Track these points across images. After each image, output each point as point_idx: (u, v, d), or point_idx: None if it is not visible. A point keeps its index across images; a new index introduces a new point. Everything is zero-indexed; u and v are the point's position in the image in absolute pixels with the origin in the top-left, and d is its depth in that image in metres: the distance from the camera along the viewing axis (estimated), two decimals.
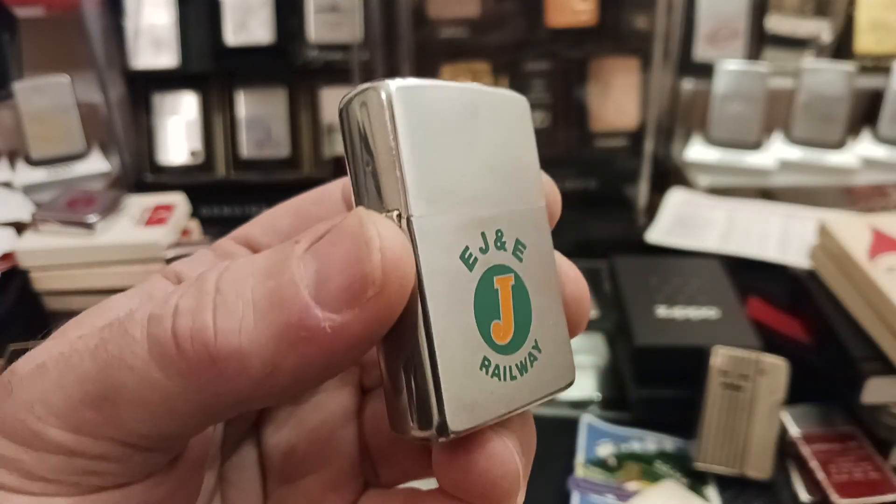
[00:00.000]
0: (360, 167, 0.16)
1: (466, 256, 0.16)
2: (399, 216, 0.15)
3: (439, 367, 0.15)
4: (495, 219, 0.17)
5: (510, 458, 0.16)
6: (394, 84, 0.16)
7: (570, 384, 0.18)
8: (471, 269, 0.16)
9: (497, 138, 0.17)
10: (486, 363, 0.16)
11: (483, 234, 0.16)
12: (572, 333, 0.19)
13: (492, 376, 0.16)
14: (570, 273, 0.19)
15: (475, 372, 0.16)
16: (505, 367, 0.17)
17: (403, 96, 0.16)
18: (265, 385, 0.14)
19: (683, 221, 0.71)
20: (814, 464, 0.48)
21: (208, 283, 0.15)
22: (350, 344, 0.14)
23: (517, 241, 0.17)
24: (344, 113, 0.16)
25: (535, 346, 0.17)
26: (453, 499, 0.17)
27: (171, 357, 0.14)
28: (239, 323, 0.14)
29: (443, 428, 0.15)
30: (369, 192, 0.16)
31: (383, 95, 0.15)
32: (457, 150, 0.16)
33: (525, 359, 0.17)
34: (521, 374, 0.17)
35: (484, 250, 0.16)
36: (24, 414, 0.15)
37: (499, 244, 0.17)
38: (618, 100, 0.79)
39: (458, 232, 0.16)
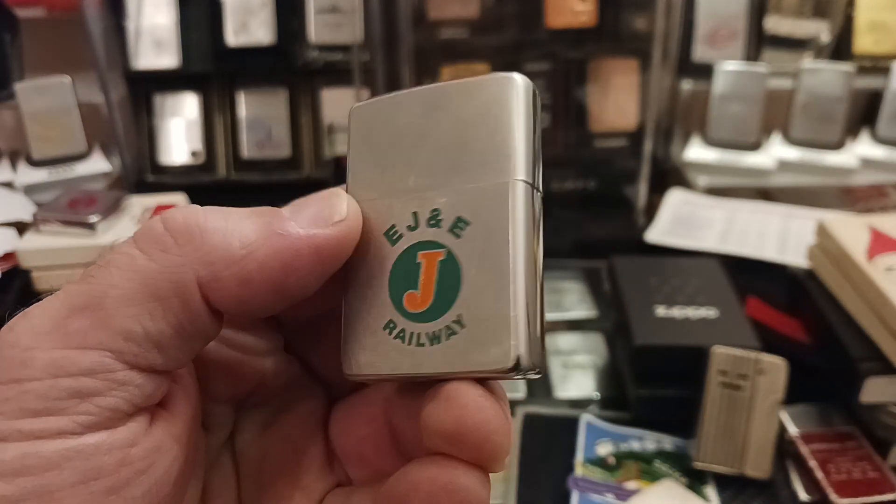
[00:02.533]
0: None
1: (391, 234, 0.19)
2: None
3: (344, 320, 0.19)
4: (433, 199, 0.19)
5: (486, 402, 0.16)
6: (355, 104, 0.20)
7: (508, 370, 0.17)
8: (393, 244, 0.19)
9: (456, 125, 0.19)
10: (391, 325, 0.18)
11: (415, 214, 0.19)
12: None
13: (395, 338, 0.18)
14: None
15: (377, 331, 0.18)
16: (412, 333, 0.18)
17: (355, 114, 0.20)
18: (237, 267, 0.16)
19: (683, 221, 0.71)
20: (813, 463, 0.48)
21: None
22: (314, 252, 0.17)
23: (457, 219, 0.18)
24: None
25: (458, 321, 0.17)
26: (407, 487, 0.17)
27: (156, 235, 0.16)
28: (224, 216, 0.17)
29: (346, 369, 0.19)
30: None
31: (348, 113, 0.20)
32: (398, 148, 0.19)
33: (440, 330, 0.18)
34: (432, 344, 0.18)
35: (412, 228, 0.19)
36: (8, 350, 0.15)
37: (432, 222, 0.18)
38: (617, 100, 0.79)
39: (387, 213, 0.19)
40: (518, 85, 0.18)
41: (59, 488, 0.15)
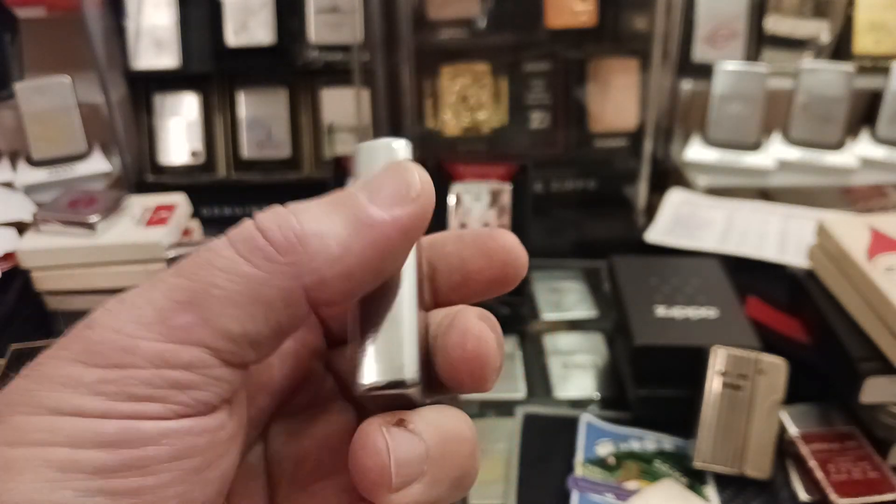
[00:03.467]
0: None
1: None
2: None
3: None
4: None
5: (382, 452, 0.18)
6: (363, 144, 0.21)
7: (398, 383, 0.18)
8: None
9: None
10: None
11: None
12: (472, 388, 0.20)
13: None
14: (472, 329, 0.19)
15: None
16: None
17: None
18: (339, 266, 0.17)
19: (682, 221, 0.71)
20: (812, 463, 0.48)
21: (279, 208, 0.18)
22: (402, 233, 0.18)
23: None
24: None
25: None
26: None
27: (258, 245, 0.17)
28: (315, 218, 0.17)
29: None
30: None
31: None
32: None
33: None
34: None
35: None
36: (112, 335, 0.16)
37: None
38: (617, 100, 0.79)
39: None
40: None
41: (156, 462, 0.16)
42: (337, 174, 0.72)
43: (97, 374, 0.16)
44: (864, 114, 0.82)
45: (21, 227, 0.63)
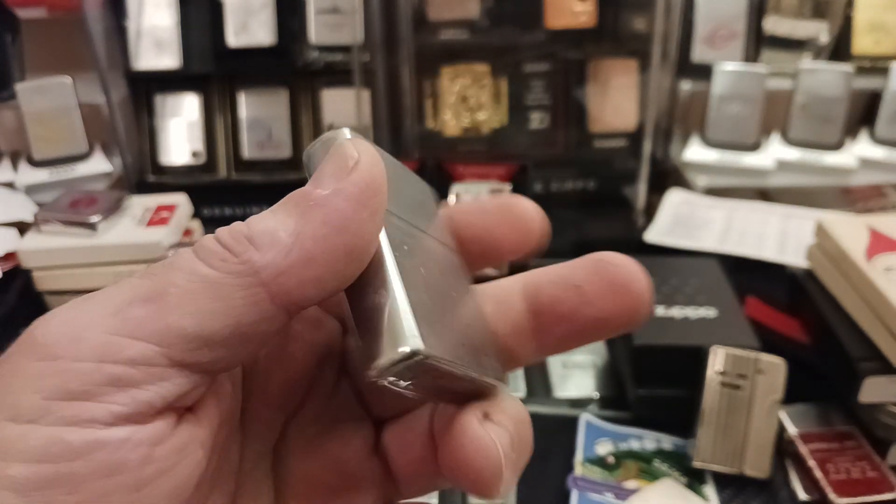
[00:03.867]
0: None
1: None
2: None
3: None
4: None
5: (493, 447, 0.18)
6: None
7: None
8: None
9: None
10: None
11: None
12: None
13: None
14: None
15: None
16: None
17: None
18: (295, 254, 0.17)
19: (682, 222, 0.71)
20: (812, 463, 0.48)
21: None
22: (352, 203, 0.17)
23: None
24: None
25: None
26: None
27: (213, 249, 0.17)
28: (262, 219, 0.17)
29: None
30: None
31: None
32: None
33: None
34: None
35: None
36: (60, 327, 0.16)
37: None
38: (616, 101, 0.80)
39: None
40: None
41: (83, 479, 0.15)
42: None
43: (36, 368, 0.15)
44: (864, 114, 0.82)
45: (22, 228, 0.63)
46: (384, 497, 0.21)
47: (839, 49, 0.80)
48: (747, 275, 0.62)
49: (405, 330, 0.16)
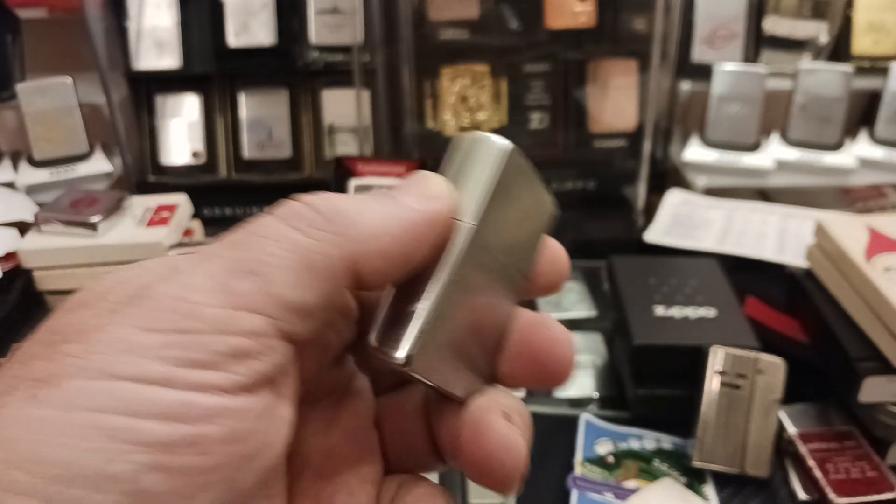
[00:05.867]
0: None
1: None
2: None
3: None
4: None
5: (520, 447, 0.19)
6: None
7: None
8: None
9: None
10: None
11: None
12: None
13: None
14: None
15: None
16: None
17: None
18: (378, 242, 0.18)
19: (681, 222, 0.71)
20: (811, 462, 0.48)
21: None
22: (428, 224, 0.18)
23: None
24: None
25: None
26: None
27: (304, 214, 0.17)
28: (352, 198, 0.18)
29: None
30: None
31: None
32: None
33: None
34: None
35: None
36: (172, 302, 0.16)
37: None
38: (616, 101, 0.80)
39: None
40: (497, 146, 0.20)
41: (211, 442, 0.15)
42: (337, 174, 0.72)
43: (159, 339, 0.15)
44: (863, 114, 0.82)
45: (23, 228, 0.63)
46: (382, 465, 0.22)
47: (838, 49, 0.80)
48: (747, 275, 0.62)
49: (409, 344, 0.18)
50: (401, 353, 0.18)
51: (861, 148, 0.78)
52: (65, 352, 0.15)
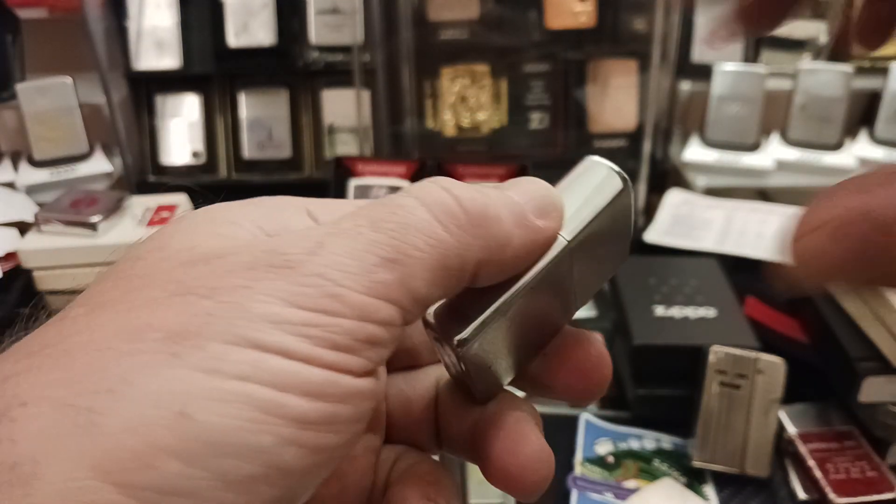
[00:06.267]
0: None
1: None
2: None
3: None
4: None
5: (551, 460, 0.20)
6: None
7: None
8: None
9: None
10: None
11: None
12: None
13: None
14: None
15: None
16: None
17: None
18: (502, 253, 0.18)
19: (681, 222, 0.71)
20: (811, 462, 0.48)
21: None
22: (541, 242, 0.19)
23: None
24: None
25: None
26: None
27: (453, 212, 0.17)
28: (495, 204, 0.18)
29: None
30: None
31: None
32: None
33: None
34: None
35: None
36: (317, 280, 0.16)
37: None
38: (616, 101, 0.80)
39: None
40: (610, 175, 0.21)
41: (345, 421, 0.16)
42: (337, 175, 0.72)
43: (302, 316, 0.15)
44: (863, 114, 0.82)
45: (23, 228, 0.63)
46: (382, 435, 0.22)
47: (838, 49, 0.80)
48: (746, 275, 0.62)
49: (471, 329, 0.19)
50: (463, 335, 0.18)
51: (861, 148, 0.78)
52: (200, 307, 0.15)
